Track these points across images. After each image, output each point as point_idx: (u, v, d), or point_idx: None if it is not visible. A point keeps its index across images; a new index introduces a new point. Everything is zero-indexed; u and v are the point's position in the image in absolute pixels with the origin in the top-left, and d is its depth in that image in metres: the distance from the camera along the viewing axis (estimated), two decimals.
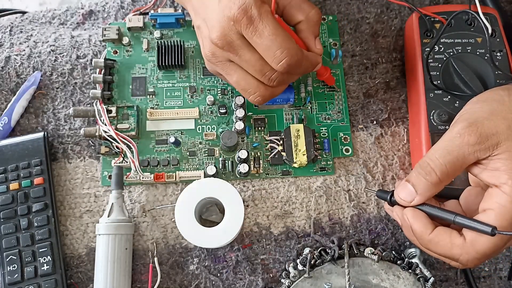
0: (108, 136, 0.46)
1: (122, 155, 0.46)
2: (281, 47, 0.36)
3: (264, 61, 0.38)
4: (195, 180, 0.45)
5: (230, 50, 0.38)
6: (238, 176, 0.47)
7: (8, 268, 0.42)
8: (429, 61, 0.47)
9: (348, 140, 0.49)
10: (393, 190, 0.40)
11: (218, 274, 0.45)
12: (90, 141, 0.48)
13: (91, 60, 0.51)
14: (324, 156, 0.48)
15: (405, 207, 0.38)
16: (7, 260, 0.43)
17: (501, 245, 0.35)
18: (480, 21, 0.46)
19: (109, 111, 0.47)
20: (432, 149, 0.37)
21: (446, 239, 0.36)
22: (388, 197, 0.40)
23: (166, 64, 0.49)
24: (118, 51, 0.51)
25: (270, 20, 0.36)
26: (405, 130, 0.50)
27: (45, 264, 0.43)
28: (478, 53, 0.47)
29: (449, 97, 0.46)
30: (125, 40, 0.51)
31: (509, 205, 0.34)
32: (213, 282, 0.45)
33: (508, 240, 0.35)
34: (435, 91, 0.47)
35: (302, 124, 0.48)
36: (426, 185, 0.37)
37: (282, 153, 0.47)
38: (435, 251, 0.37)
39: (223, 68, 0.41)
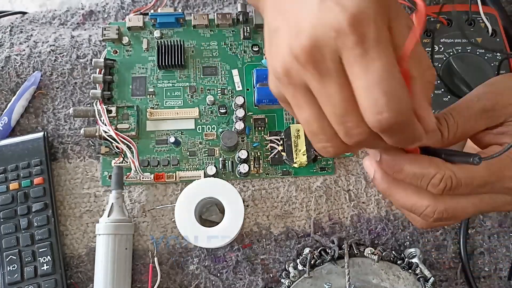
0: (108, 136, 0.46)
1: (122, 155, 0.46)
2: (388, 94, 0.25)
3: (351, 105, 0.26)
4: (195, 180, 0.45)
5: (314, 69, 0.27)
6: (238, 176, 0.47)
7: (8, 268, 0.42)
8: None
9: None
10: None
11: (218, 274, 0.45)
12: (90, 141, 0.48)
13: (91, 60, 0.51)
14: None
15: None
16: (7, 260, 0.43)
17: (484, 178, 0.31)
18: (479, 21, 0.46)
19: (109, 111, 0.47)
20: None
21: (425, 157, 0.31)
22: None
23: (166, 64, 0.49)
24: (118, 50, 0.51)
25: (389, 52, 0.25)
26: None
27: (45, 264, 0.43)
28: (478, 53, 0.47)
29: (449, 97, 0.46)
30: (125, 39, 0.51)
31: (503, 156, 0.30)
32: (213, 282, 0.45)
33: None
34: (435, 91, 0.47)
35: None
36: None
37: (282, 153, 0.47)
38: (411, 170, 0.31)
39: (294, 95, 0.29)
